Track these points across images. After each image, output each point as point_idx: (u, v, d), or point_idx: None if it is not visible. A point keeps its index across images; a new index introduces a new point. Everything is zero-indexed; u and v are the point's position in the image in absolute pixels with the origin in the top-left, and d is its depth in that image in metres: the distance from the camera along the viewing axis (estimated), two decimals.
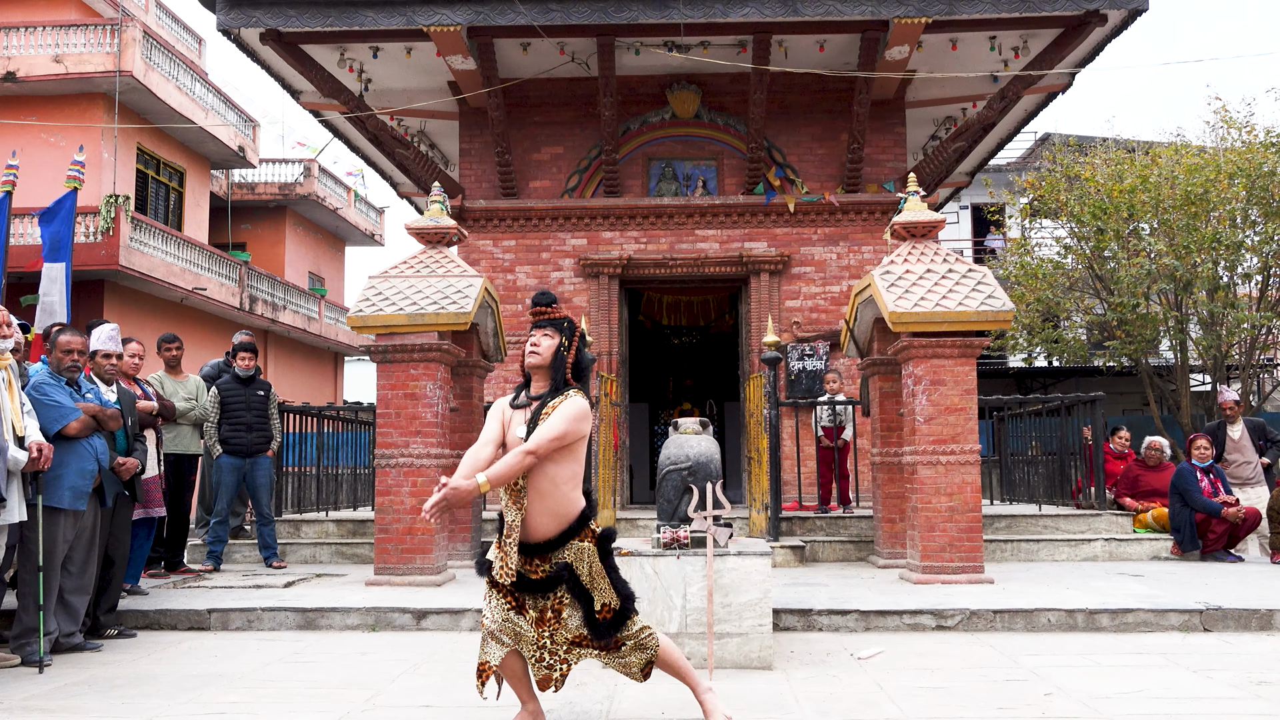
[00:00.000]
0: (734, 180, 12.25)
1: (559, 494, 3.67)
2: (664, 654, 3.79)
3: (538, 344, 3.77)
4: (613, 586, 3.71)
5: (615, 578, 3.73)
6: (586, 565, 3.68)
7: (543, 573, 3.66)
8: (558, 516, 3.67)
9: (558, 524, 3.67)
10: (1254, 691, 4.43)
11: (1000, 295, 7.48)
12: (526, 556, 3.66)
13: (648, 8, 10.35)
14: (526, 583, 3.65)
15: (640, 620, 3.77)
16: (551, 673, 3.67)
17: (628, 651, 3.73)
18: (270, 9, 10.58)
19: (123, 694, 4.55)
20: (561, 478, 3.68)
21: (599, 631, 3.66)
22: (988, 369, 21.56)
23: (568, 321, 3.86)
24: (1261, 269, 14.79)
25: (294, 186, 25.29)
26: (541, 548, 3.66)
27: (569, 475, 3.70)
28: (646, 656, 3.76)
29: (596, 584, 3.69)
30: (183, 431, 7.92)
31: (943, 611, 6.06)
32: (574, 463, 3.73)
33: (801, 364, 11.81)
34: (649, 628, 3.78)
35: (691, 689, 3.84)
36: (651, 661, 3.77)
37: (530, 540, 3.66)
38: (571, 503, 3.70)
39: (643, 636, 3.75)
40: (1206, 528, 8.72)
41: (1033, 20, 10.57)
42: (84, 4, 19.76)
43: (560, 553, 3.67)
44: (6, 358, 5.10)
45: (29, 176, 14.99)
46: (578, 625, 3.66)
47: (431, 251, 8.25)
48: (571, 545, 3.68)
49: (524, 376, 3.86)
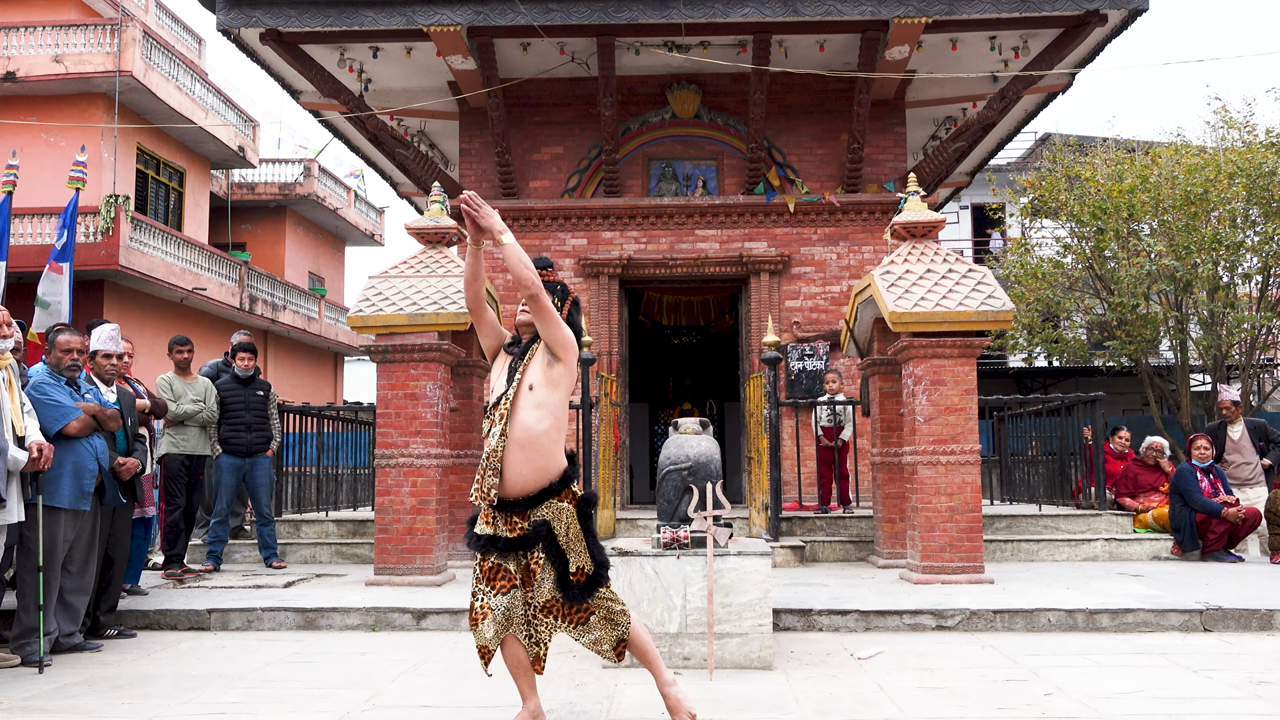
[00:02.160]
0: (734, 180, 12.25)
1: (539, 446, 3.64)
2: (635, 635, 3.76)
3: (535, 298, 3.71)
4: (589, 551, 3.69)
5: (592, 543, 3.71)
6: (564, 526, 3.65)
7: (520, 530, 3.63)
8: (539, 471, 3.63)
9: (538, 479, 3.63)
10: (1254, 692, 4.43)
11: (1000, 295, 7.48)
12: (505, 513, 3.63)
13: (648, 8, 10.35)
14: (504, 541, 3.63)
15: (612, 594, 3.74)
16: (536, 649, 3.68)
17: (596, 624, 3.69)
18: (270, 9, 10.58)
19: (123, 694, 4.55)
20: (541, 429, 3.65)
21: (571, 594, 3.62)
22: (988, 369, 21.56)
23: (561, 285, 3.92)
24: (1261, 269, 14.79)
25: (294, 186, 25.30)
26: (521, 504, 3.63)
27: (551, 427, 3.68)
28: (618, 634, 3.71)
29: (573, 546, 3.66)
30: (190, 433, 7.92)
31: (943, 611, 6.06)
32: (556, 415, 3.71)
33: (801, 364, 11.81)
34: (622, 603, 3.75)
35: (655, 678, 3.79)
36: (624, 640, 3.72)
37: (509, 495, 3.63)
38: (553, 458, 3.67)
39: (614, 610, 3.71)
40: (1206, 528, 8.72)
41: (1033, 20, 10.57)
42: (84, 4, 19.76)
43: (538, 510, 3.64)
44: (7, 358, 5.10)
45: (29, 177, 15.01)
46: (550, 587, 3.63)
47: (431, 251, 8.25)
48: (551, 504, 3.65)
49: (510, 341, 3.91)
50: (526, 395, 3.67)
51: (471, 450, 8.53)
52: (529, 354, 3.75)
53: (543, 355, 3.73)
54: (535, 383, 3.68)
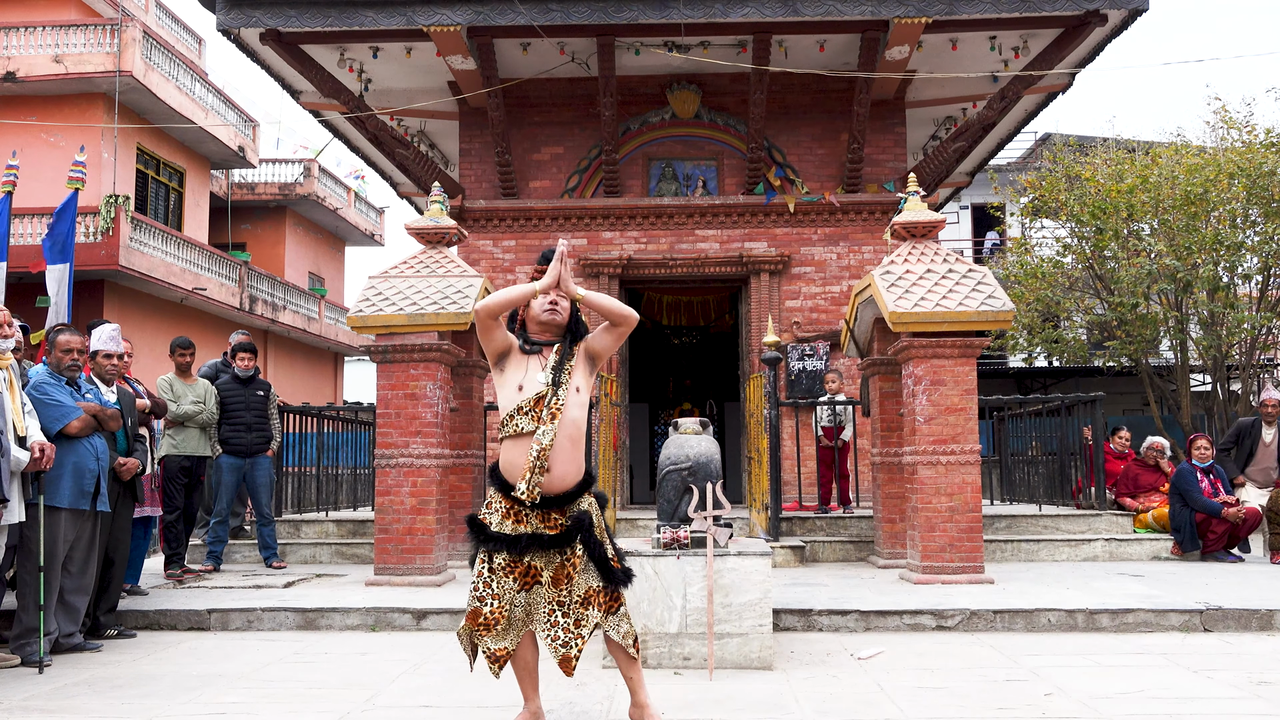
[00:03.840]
0: (734, 180, 12.25)
1: (583, 444, 3.74)
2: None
3: (557, 303, 3.75)
4: (611, 542, 3.75)
5: (611, 536, 3.78)
6: (596, 517, 3.71)
7: (561, 526, 3.64)
8: (580, 467, 3.70)
9: (578, 474, 3.69)
10: (1254, 692, 4.43)
11: (1000, 295, 7.48)
12: (545, 510, 3.63)
13: (648, 8, 10.35)
14: (541, 540, 3.61)
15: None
16: (569, 650, 3.62)
17: (622, 617, 3.71)
18: (270, 9, 10.58)
19: (123, 694, 4.55)
20: (584, 427, 3.74)
21: (615, 578, 3.66)
22: (988, 369, 21.56)
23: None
24: (1261, 269, 14.77)
25: (294, 186, 25.30)
26: (561, 499, 3.65)
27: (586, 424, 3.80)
28: (634, 631, 3.74)
29: (603, 537, 3.72)
30: (191, 434, 7.92)
31: (943, 612, 6.06)
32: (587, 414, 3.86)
33: (801, 364, 11.81)
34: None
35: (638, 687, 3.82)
36: (636, 638, 3.74)
37: (554, 491, 3.63)
38: (584, 454, 3.78)
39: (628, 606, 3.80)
40: (1206, 528, 8.72)
41: (1033, 20, 10.57)
42: (84, 4, 19.77)
43: (578, 504, 3.68)
44: (7, 358, 5.10)
45: (29, 177, 15.01)
46: (591, 577, 3.64)
47: (431, 251, 8.25)
48: (584, 498, 3.71)
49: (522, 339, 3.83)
50: (574, 396, 3.71)
51: (472, 450, 8.53)
52: (570, 357, 3.75)
53: (586, 361, 3.79)
54: (580, 385, 3.74)
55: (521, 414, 3.65)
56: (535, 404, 3.66)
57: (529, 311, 3.81)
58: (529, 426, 3.63)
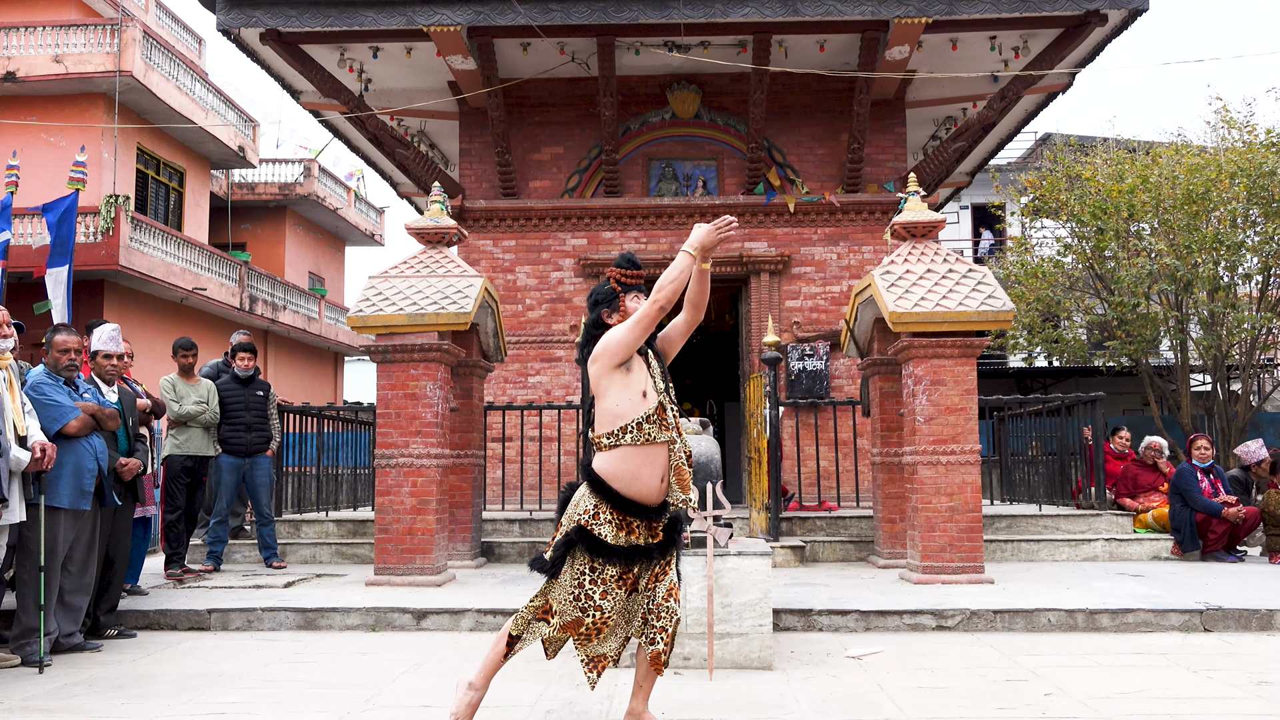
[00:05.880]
0: (734, 180, 12.25)
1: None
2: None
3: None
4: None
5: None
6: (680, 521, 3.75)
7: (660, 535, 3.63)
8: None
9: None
10: (1254, 692, 4.43)
11: (1000, 295, 7.48)
12: (650, 519, 3.59)
13: (648, 8, 10.35)
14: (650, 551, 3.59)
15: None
16: (657, 646, 3.60)
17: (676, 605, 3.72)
18: (270, 9, 10.58)
19: (123, 694, 4.55)
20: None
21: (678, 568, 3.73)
22: (988, 369, 21.56)
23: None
24: (1262, 269, 14.77)
25: (294, 186, 25.29)
26: (662, 508, 3.63)
27: None
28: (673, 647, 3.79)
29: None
30: (194, 434, 7.93)
31: (943, 612, 6.06)
32: None
33: (801, 364, 11.81)
34: None
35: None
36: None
37: (660, 500, 3.61)
38: None
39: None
40: (1206, 528, 8.72)
41: (1033, 20, 10.57)
42: (84, 4, 19.76)
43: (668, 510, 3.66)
44: (7, 358, 5.10)
45: (29, 177, 15.00)
46: (673, 574, 3.68)
47: (431, 251, 8.25)
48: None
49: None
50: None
51: (472, 450, 8.53)
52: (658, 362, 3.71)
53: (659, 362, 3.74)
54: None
55: (650, 422, 3.57)
56: (659, 412, 3.60)
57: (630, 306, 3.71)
58: (662, 436, 3.57)
